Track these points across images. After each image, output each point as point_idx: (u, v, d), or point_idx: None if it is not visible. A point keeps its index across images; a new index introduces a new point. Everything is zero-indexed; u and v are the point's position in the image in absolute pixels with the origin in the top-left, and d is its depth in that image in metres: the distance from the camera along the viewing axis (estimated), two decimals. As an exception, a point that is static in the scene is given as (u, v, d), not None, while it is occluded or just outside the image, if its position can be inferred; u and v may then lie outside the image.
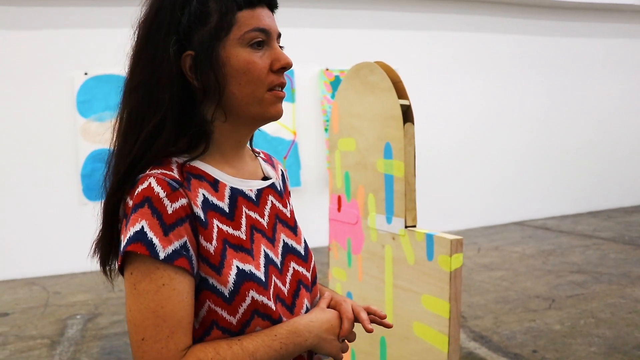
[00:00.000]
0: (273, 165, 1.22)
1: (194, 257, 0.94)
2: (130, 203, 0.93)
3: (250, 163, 1.14)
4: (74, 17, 6.04)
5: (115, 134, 1.03)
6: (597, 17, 8.65)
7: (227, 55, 0.99)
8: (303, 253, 1.16)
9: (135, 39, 1.02)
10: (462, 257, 1.85)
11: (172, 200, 0.92)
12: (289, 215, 1.17)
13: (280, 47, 1.06)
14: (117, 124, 1.03)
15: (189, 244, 0.93)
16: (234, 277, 0.96)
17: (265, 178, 1.15)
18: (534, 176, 8.39)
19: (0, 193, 5.88)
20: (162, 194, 0.92)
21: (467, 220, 7.86)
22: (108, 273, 1.06)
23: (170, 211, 0.92)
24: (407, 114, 2.06)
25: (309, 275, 1.15)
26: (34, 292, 5.36)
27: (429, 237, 1.92)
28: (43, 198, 5.98)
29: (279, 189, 1.17)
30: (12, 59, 5.88)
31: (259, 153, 1.21)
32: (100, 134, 5.98)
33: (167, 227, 0.91)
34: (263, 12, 1.02)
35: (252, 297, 0.97)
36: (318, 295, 1.19)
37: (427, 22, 7.57)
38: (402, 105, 2.06)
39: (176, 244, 0.91)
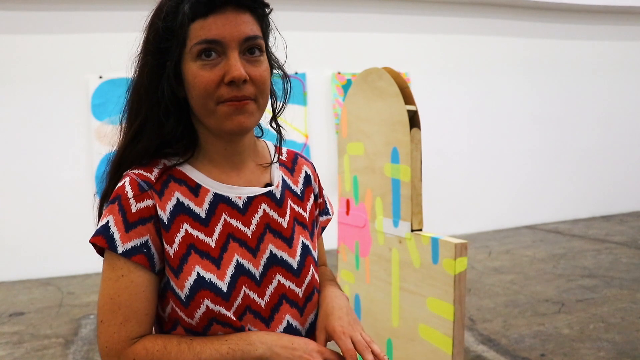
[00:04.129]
0: (292, 169, 1.20)
1: (155, 256, 1.00)
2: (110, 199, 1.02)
3: (255, 170, 1.12)
4: (89, 21, 6.13)
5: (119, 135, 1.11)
6: (607, 20, 8.62)
7: (185, 69, 1.00)
8: (295, 267, 1.09)
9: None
10: (467, 261, 1.88)
11: (138, 200, 0.99)
12: (284, 225, 1.10)
13: (257, 49, 1.00)
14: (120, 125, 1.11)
15: (150, 243, 0.99)
16: (191, 283, 0.99)
17: (269, 186, 1.12)
18: (546, 180, 8.37)
19: (15, 194, 5.98)
20: (130, 193, 0.99)
21: (478, 224, 7.86)
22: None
23: (134, 210, 0.98)
24: (413, 120, 2.10)
25: (298, 290, 1.09)
26: (48, 292, 5.44)
27: (434, 241, 1.95)
28: (58, 200, 6.07)
29: (278, 196, 1.12)
30: (28, 63, 5.98)
31: (278, 157, 1.19)
32: (115, 137, 6.05)
33: (129, 224, 0.98)
34: (218, 20, 0.96)
35: (207, 306, 0.98)
36: (315, 311, 1.13)
37: (438, 26, 7.59)
38: (409, 111, 2.10)
39: (136, 241, 0.98)
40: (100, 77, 6.13)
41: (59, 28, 6.06)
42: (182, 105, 1.04)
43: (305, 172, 1.23)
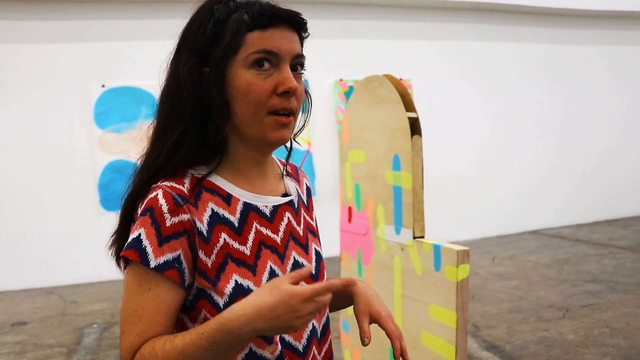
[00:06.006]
0: (298, 180, 1.24)
1: (186, 271, 0.99)
2: (139, 210, 1.00)
3: (273, 180, 1.15)
4: (92, 30, 6.15)
5: (147, 141, 1.09)
6: (612, 25, 8.62)
7: (233, 76, 1.00)
8: (314, 272, 1.14)
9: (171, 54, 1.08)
10: (469, 268, 1.87)
11: (173, 214, 0.98)
12: (301, 233, 1.15)
13: (300, 67, 1.06)
14: (150, 131, 1.09)
15: (182, 258, 0.98)
16: (230, 290, 0.99)
17: (286, 195, 1.16)
18: (549, 185, 8.35)
19: (18, 203, 5.99)
20: (164, 207, 0.98)
21: (482, 230, 7.84)
22: (121, 267, 1.09)
23: (168, 224, 0.97)
24: (414, 127, 2.10)
25: None
26: (51, 301, 5.44)
27: (436, 248, 1.95)
28: (61, 208, 6.08)
29: (296, 206, 1.16)
30: (31, 72, 6.00)
31: (285, 166, 1.22)
32: (117, 145, 6.08)
33: (162, 238, 0.97)
34: (276, 34, 1.01)
35: None
36: (327, 312, 1.19)
37: (441, 32, 7.60)
38: (409, 118, 2.10)
39: (169, 256, 0.97)
40: (103, 86, 6.15)
41: (62, 37, 6.08)
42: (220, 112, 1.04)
43: (306, 184, 1.28)
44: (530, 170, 8.22)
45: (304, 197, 1.23)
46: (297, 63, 1.04)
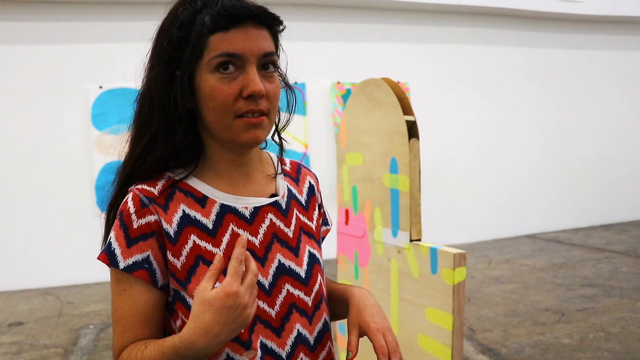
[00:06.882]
0: (297, 179, 1.20)
1: (157, 271, 1.00)
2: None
3: (261, 181, 1.12)
4: (89, 32, 6.16)
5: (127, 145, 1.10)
6: (606, 30, 8.66)
7: (199, 80, 0.98)
8: (303, 276, 1.10)
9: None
10: (466, 271, 1.88)
11: (140, 216, 0.99)
12: (290, 235, 1.11)
13: (272, 65, 1.01)
14: (128, 136, 1.10)
15: (152, 258, 0.99)
16: None
17: (274, 196, 1.12)
18: (546, 189, 8.37)
19: (15, 204, 5.98)
20: (132, 209, 0.99)
21: (478, 233, 7.86)
22: None
23: (135, 226, 0.99)
24: (412, 130, 2.10)
25: (307, 299, 1.10)
26: (48, 302, 5.43)
27: (433, 251, 1.96)
28: (58, 209, 6.07)
29: (284, 206, 1.12)
30: (29, 73, 6.00)
31: (282, 167, 1.19)
32: (115, 147, 6.07)
33: (130, 240, 0.98)
34: (239, 34, 0.96)
35: None
36: (324, 317, 1.14)
37: (438, 36, 7.62)
38: (407, 121, 2.10)
39: (137, 257, 0.98)
40: (100, 87, 6.15)
41: (59, 38, 6.08)
42: (191, 115, 1.03)
43: (309, 182, 1.23)
44: (527, 174, 8.23)
45: (302, 197, 1.18)
46: (268, 62, 1.00)
